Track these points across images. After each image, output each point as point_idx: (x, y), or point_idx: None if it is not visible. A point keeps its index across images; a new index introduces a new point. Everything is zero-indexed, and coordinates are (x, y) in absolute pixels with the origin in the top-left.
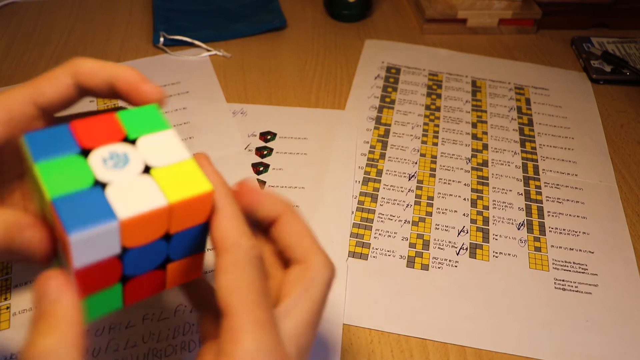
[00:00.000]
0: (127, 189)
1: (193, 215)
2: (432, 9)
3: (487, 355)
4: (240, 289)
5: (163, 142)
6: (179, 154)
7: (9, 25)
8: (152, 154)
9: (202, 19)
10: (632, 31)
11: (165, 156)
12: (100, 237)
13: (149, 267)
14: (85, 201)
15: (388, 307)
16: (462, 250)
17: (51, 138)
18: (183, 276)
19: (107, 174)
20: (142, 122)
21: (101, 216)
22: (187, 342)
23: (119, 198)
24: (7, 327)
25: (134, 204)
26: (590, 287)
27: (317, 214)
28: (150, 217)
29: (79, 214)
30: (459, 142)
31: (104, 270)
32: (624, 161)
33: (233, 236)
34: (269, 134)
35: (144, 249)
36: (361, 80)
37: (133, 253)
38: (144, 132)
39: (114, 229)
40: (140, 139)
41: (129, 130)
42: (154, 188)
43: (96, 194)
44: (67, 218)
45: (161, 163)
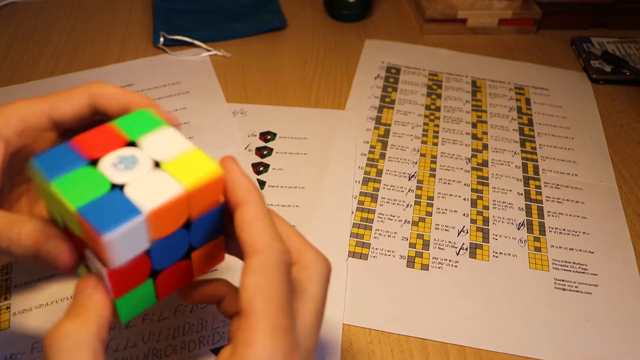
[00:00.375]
0: (143, 186)
1: (209, 199)
2: (432, 9)
3: (487, 355)
4: (265, 293)
5: (164, 138)
6: (182, 145)
7: (9, 25)
8: (157, 150)
9: (202, 19)
10: (632, 31)
11: (170, 150)
12: (131, 233)
13: (175, 259)
14: (108, 204)
15: (388, 307)
16: (462, 250)
17: (58, 157)
18: (208, 263)
19: (121, 177)
20: (139, 125)
21: (128, 213)
22: (187, 342)
23: (139, 195)
24: (7, 327)
25: (154, 196)
26: (590, 287)
27: (317, 214)
28: (172, 205)
29: (106, 216)
30: (459, 142)
31: (135, 268)
32: (624, 161)
33: (265, 239)
34: (269, 134)
35: (168, 240)
36: (361, 80)
37: (159, 246)
38: (143, 133)
39: (142, 223)
40: (142, 139)
41: (129, 134)
42: (168, 179)
43: (116, 195)
44: (96, 222)
45: (168, 156)
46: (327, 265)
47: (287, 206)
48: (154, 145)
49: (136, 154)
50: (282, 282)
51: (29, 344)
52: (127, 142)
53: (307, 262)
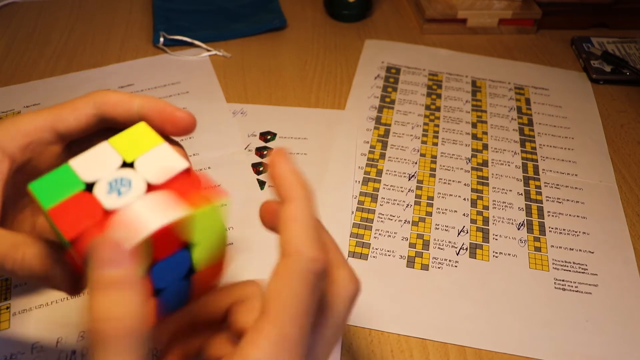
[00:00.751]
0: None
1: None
2: (432, 9)
3: (487, 355)
4: (283, 299)
5: (159, 157)
6: (175, 167)
7: (9, 25)
8: (151, 171)
9: (202, 19)
10: (632, 31)
11: (164, 171)
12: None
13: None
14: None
15: (388, 307)
16: (462, 250)
17: (55, 181)
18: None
19: (113, 203)
20: (135, 143)
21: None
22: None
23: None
24: (7, 327)
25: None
26: (590, 287)
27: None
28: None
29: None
30: (459, 142)
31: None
32: (624, 161)
33: (297, 243)
34: (269, 134)
35: (166, 263)
36: (361, 80)
37: (156, 269)
38: (139, 152)
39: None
40: (137, 160)
41: (124, 155)
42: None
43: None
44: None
45: (161, 179)
46: (357, 286)
47: None
48: (148, 167)
49: (130, 177)
50: (305, 292)
51: (29, 344)
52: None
53: (337, 278)
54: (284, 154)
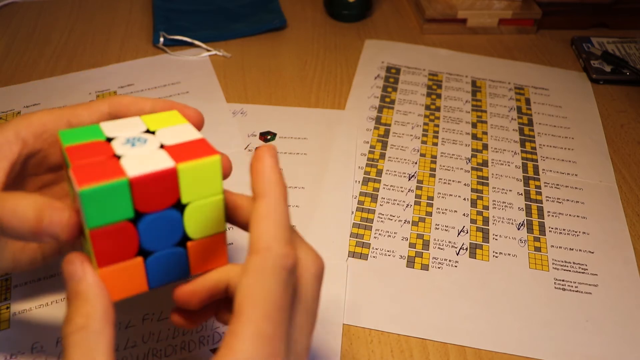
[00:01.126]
0: (139, 159)
1: (203, 184)
2: (432, 9)
3: (487, 355)
4: (256, 297)
5: (180, 130)
6: (191, 135)
7: (9, 25)
8: (168, 137)
9: (202, 19)
10: (632, 31)
11: (179, 138)
12: (111, 194)
13: (169, 243)
14: (101, 168)
15: (388, 307)
16: (462, 250)
17: (82, 133)
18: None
19: (124, 150)
20: (163, 121)
21: (112, 175)
22: (187, 342)
23: (130, 164)
24: (7, 327)
25: (144, 166)
26: (590, 287)
27: (317, 215)
28: (159, 177)
29: (93, 176)
30: (459, 142)
31: (121, 238)
32: (624, 161)
33: (266, 239)
34: (269, 134)
35: (159, 219)
36: (361, 80)
37: (147, 221)
38: (163, 125)
39: (124, 186)
40: (160, 130)
41: (149, 126)
42: (163, 156)
43: (111, 162)
44: (82, 179)
45: (173, 142)
46: (318, 264)
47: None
48: (167, 134)
49: (147, 138)
50: (277, 288)
51: (29, 344)
52: (147, 130)
53: (299, 259)
54: (271, 151)
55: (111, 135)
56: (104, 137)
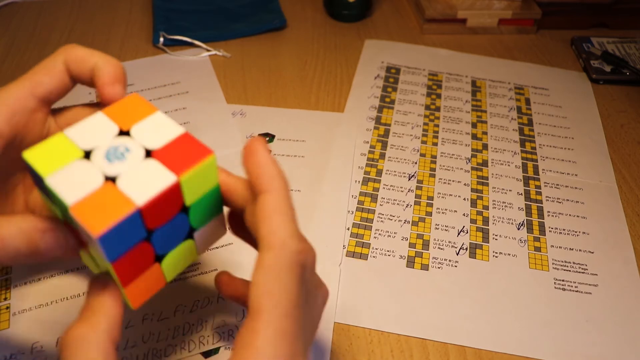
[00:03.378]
0: (136, 177)
1: (203, 182)
2: (432, 9)
3: (487, 355)
4: (274, 294)
5: (154, 124)
6: (172, 131)
7: (9, 25)
8: (148, 137)
9: (202, 19)
10: (632, 31)
11: (161, 136)
12: (125, 227)
13: (179, 241)
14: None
15: (388, 307)
16: (462, 250)
17: (51, 149)
18: (210, 239)
19: (113, 169)
20: (129, 112)
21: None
22: (187, 342)
23: (131, 187)
24: (7, 327)
25: (147, 188)
26: (590, 287)
27: (312, 219)
28: (165, 196)
29: (100, 214)
30: (458, 142)
31: (139, 256)
32: (624, 161)
33: (282, 235)
34: (268, 135)
35: (168, 227)
36: (361, 80)
37: (159, 233)
38: (134, 121)
39: (136, 216)
40: (133, 127)
41: (120, 124)
42: (160, 169)
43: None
44: (90, 223)
45: (158, 144)
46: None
47: None
48: (144, 132)
49: (127, 144)
50: (294, 285)
51: (29, 344)
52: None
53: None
54: (262, 142)
55: (85, 146)
56: (80, 152)
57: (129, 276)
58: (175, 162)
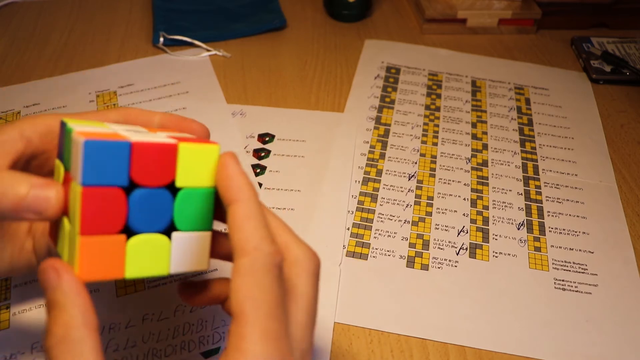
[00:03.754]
0: (142, 134)
1: (199, 171)
2: (432, 9)
3: (487, 355)
4: (255, 297)
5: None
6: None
7: (9, 25)
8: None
9: (202, 19)
10: (632, 31)
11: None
12: (110, 152)
13: (154, 228)
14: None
15: (388, 307)
16: (462, 250)
17: (86, 122)
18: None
19: (127, 133)
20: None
21: (113, 139)
22: (187, 342)
23: (133, 135)
24: (7, 326)
25: (145, 138)
26: (590, 287)
27: (312, 219)
28: (158, 149)
29: (96, 137)
30: (458, 142)
31: (110, 205)
32: (624, 161)
33: (254, 240)
34: (267, 135)
35: (150, 197)
36: (361, 80)
37: (139, 196)
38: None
39: (124, 149)
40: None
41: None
42: (166, 137)
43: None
44: (85, 136)
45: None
46: (315, 261)
47: (282, 209)
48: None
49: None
50: (273, 285)
51: (28, 344)
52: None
53: (294, 259)
54: (233, 157)
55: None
56: (108, 127)
57: (92, 224)
58: (182, 139)
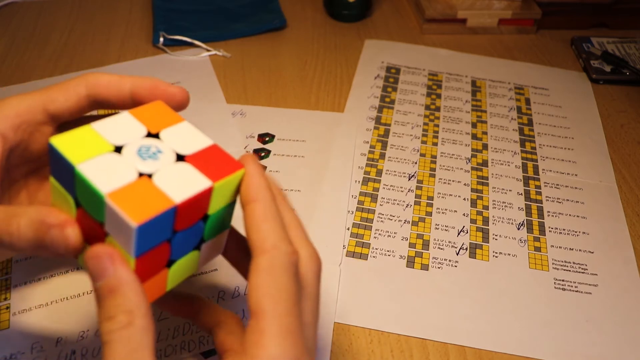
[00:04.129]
0: (171, 176)
1: (227, 194)
2: (432, 9)
3: (487, 355)
4: (274, 294)
5: (182, 132)
6: (201, 141)
7: (9, 25)
8: (178, 143)
9: (202, 19)
10: (632, 31)
11: (191, 144)
12: (160, 223)
13: (189, 249)
14: (142, 193)
15: (388, 307)
16: (462, 250)
17: (79, 140)
18: (211, 254)
19: (147, 166)
20: (156, 118)
21: (160, 205)
22: (187, 342)
23: (168, 185)
24: (7, 327)
25: (184, 188)
26: (590, 287)
27: (312, 219)
28: (200, 198)
29: (138, 204)
30: (458, 142)
31: (156, 257)
32: (624, 161)
33: (272, 239)
34: (267, 135)
35: (188, 231)
36: (361, 80)
37: (180, 236)
38: (162, 126)
39: (172, 214)
40: (162, 132)
41: (148, 126)
42: (195, 173)
43: (145, 184)
44: (129, 211)
45: (190, 150)
46: (318, 262)
47: None
48: (173, 137)
49: (158, 145)
50: (291, 283)
51: (29, 344)
52: (148, 133)
53: (302, 257)
54: (253, 158)
55: (116, 142)
56: (110, 146)
57: (143, 277)
58: (208, 169)
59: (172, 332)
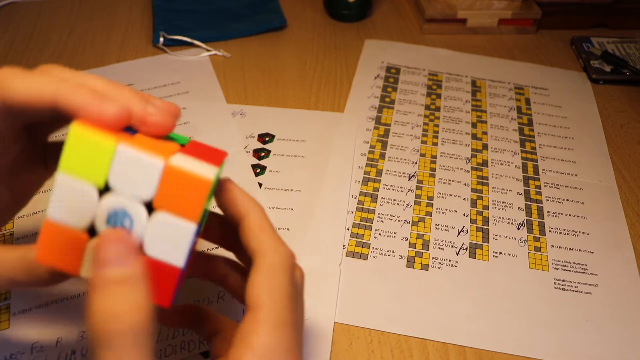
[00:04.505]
0: (159, 238)
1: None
2: (432, 9)
3: (487, 355)
4: (273, 290)
5: (128, 165)
6: (153, 171)
7: (9, 25)
8: (134, 186)
9: (202, 19)
10: (632, 31)
11: (147, 181)
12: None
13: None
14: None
15: (388, 307)
16: (462, 250)
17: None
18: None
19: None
20: (89, 156)
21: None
22: (187, 342)
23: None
24: (7, 327)
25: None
26: (590, 287)
27: (312, 219)
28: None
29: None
30: (458, 142)
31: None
32: (624, 161)
33: (272, 245)
34: (267, 135)
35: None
36: (361, 80)
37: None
38: (103, 169)
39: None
40: (110, 179)
41: (92, 180)
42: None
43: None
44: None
45: (151, 191)
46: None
47: (282, 209)
48: (124, 180)
49: (122, 207)
50: (288, 282)
51: (29, 344)
52: (98, 192)
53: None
54: (232, 182)
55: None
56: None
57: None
58: (180, 206)
59: (172, 332)
